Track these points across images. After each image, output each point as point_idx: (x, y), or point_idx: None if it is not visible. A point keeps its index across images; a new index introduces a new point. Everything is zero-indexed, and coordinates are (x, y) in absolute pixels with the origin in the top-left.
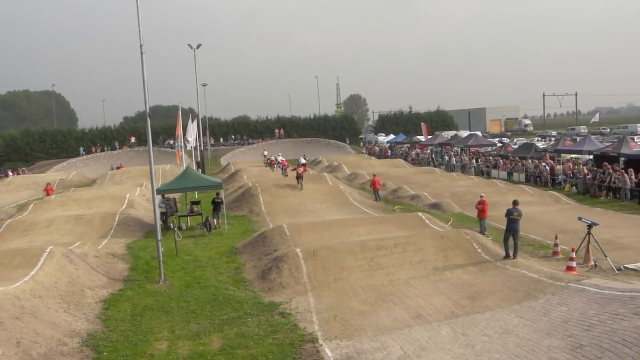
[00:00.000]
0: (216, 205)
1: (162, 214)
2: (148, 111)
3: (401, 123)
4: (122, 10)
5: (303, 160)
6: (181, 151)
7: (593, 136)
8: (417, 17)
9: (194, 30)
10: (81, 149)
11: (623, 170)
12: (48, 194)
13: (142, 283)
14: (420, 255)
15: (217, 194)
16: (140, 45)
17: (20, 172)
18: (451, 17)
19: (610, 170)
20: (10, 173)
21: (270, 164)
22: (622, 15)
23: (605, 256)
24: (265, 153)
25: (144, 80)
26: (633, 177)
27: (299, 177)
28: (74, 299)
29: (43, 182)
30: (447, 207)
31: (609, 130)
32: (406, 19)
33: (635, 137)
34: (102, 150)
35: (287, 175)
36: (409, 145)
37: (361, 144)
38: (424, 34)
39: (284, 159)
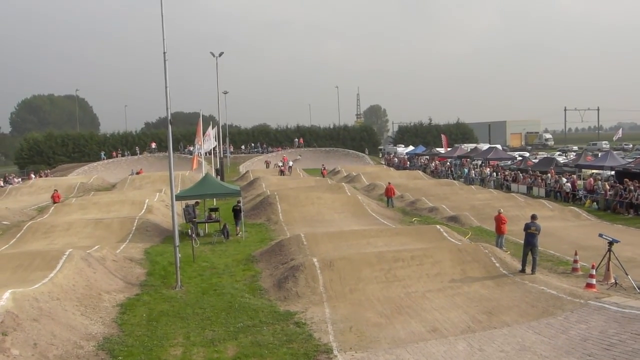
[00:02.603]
0: (236, 212)
1: (191, 222)
2: (169, 117)
3: (421, 135)
4: (147, 15)
5: (291, 163)
6: (200, 157)
7: (615, 152)
8: (437, 28)
9: (217, 37)
10: (102, 154)
11: None
12: (55, 202)
13: (159, 288)
14: (438, 268)
15: (238, 202)
16: (164, 53)
17: (43, 175)
18: (471, 27)
19: (632, 187)
20: (33, 176)
21: (281, 171)
22: None
23: (627, 274)
24: (280, 164)
25: (166, 87)
26: None
27: (281, 172)
28: (91, 302)
29: (64, 185)
30: (465, 220)
31: (631, 146)
32: (426, 29)
33: None
34: (123, 155)
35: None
36: (428, 157)
37: (380, 155)
38: (444, 45)
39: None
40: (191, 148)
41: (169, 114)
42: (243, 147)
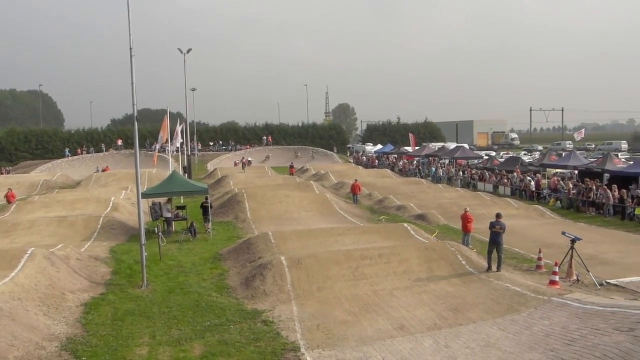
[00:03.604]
0: (205, 209)
1: (165, 218)
2: (136, 114)
3: (389, 133)
4: (113, 12)
5: (250, 158)
6: (167, 155)
7: (578, 152)
8: (406, 28)
9: (186, 33)
10: (66, 150)
11: (606, 186)
12: (9, 201)
13: (124, 287)
14: (405, 266)
15: (206, 198)
16: (130, 49)
17: (4, 172)
18: (439, 27)
19: (592, 186)
20: None
21: (243, 164)
22: (612, 29)
23: (588, 271)
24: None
25: (132, 83)
26: (616, 193)
27: (243, 166)
28: (54, 302)
29: (26, 182)
30: (432, 219)
31: (593, 146)
32: (395, 28)
33: (619, 154)
34: (88, 152)
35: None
36: (396, 155)
37: (348, 153)
38: (412, 44)
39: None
40: (157, 145)
41: (135, 111)
42: (211, 143)
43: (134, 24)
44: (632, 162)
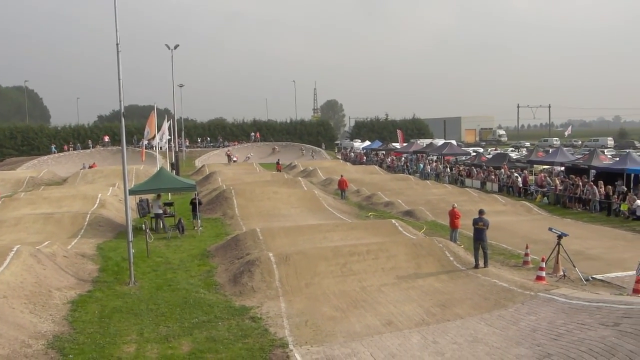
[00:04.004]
0: (194, 206)
1: (156, 215)
2: (123, 110)
3: (377, 130)
4: (100, 7)
5: (234, 158)
6: (154, 151)
7: (565, 148)
8: (394, 25)
9: (174, 29)
10: (53, 147)
11: (592, 183)
12: None
13: (112, 285)
14: (393, 262)
15: (196, 195)
16: (117, 45)
17: None
18: (429, 25)
19: (579, 182)
20: None
21: (229, 158)
22: (598, 28)
23: (574, 266)
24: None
25: (119, 79)
26: (602, 189)
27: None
28: (41, 299)
29: (12, 179)
30: (420, 215)
31: (580, 142)
32: (384, 25)
33: (605, 150)
34: (75, 149)
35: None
36: (384, 152)
37: (336, 150)
38: (401, 41)
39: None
40: (145, 142)
41: (122, 107)
42: (199, 139)
43: (121, 20)
44: (617, 159)
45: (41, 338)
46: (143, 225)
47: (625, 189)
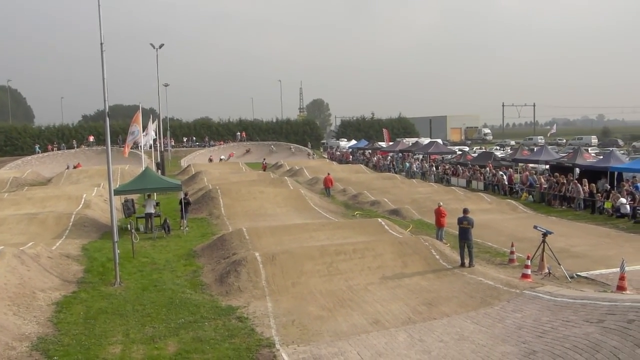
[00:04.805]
0: (184, 205)
1: (147, 214)
2: (107, 110)
3: (363, 129)
4: (84, 5)
5: (222, 157)
6: (140, 151)
7: (550, 147)
8: (380, 24)
9: (159, 28)
10: (37, 147)
11: (577, 181)
12: None
13: (97, 285)
14: (379, 261)
15: (185, 194)
16: (101, 44)
17: None
18: (414, 24)
19: (563, 181)
20: None
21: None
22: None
23: (559, 264)
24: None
25: (103, 79)
26: (586, 187)
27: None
28: (25, 301)
29: None
30: (406, 214)
31: (564, 141)
32: (369, 24)
33: (589, 149)
34: (59, 149)
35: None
36: (370, 151)
37: (321, 149)
38: (386, 40)
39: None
40: (129, 137)
41: (107, 107)
42: (185, 139)
43: (106, 19)
44: (601, 157)
45: (25, 340)
46: (128, 226)
47: (609, 186)
